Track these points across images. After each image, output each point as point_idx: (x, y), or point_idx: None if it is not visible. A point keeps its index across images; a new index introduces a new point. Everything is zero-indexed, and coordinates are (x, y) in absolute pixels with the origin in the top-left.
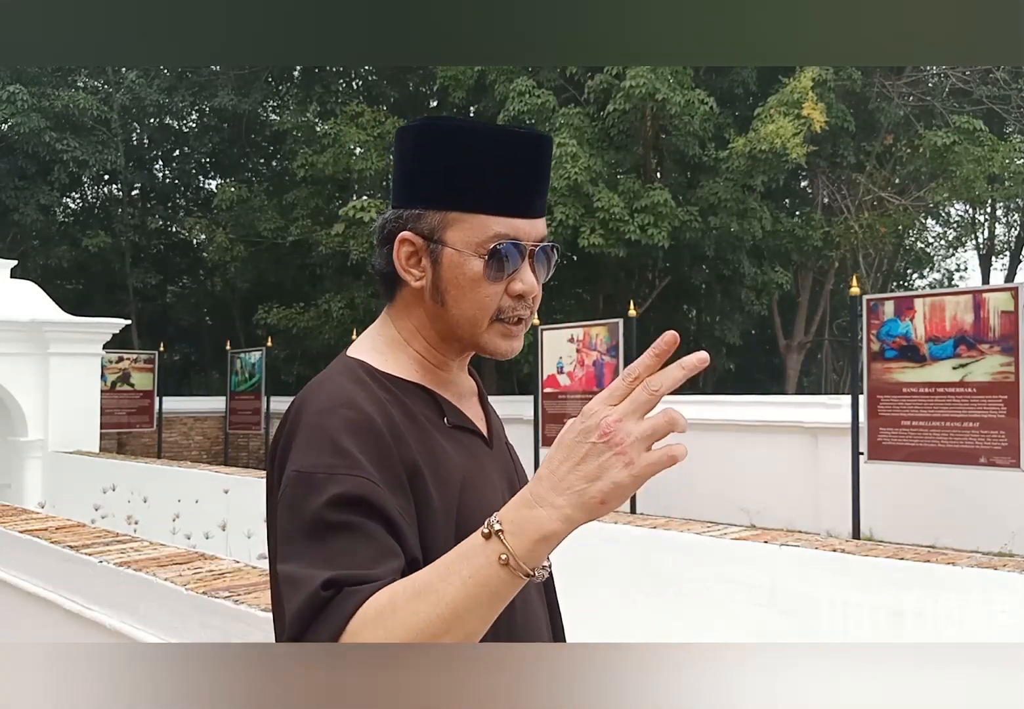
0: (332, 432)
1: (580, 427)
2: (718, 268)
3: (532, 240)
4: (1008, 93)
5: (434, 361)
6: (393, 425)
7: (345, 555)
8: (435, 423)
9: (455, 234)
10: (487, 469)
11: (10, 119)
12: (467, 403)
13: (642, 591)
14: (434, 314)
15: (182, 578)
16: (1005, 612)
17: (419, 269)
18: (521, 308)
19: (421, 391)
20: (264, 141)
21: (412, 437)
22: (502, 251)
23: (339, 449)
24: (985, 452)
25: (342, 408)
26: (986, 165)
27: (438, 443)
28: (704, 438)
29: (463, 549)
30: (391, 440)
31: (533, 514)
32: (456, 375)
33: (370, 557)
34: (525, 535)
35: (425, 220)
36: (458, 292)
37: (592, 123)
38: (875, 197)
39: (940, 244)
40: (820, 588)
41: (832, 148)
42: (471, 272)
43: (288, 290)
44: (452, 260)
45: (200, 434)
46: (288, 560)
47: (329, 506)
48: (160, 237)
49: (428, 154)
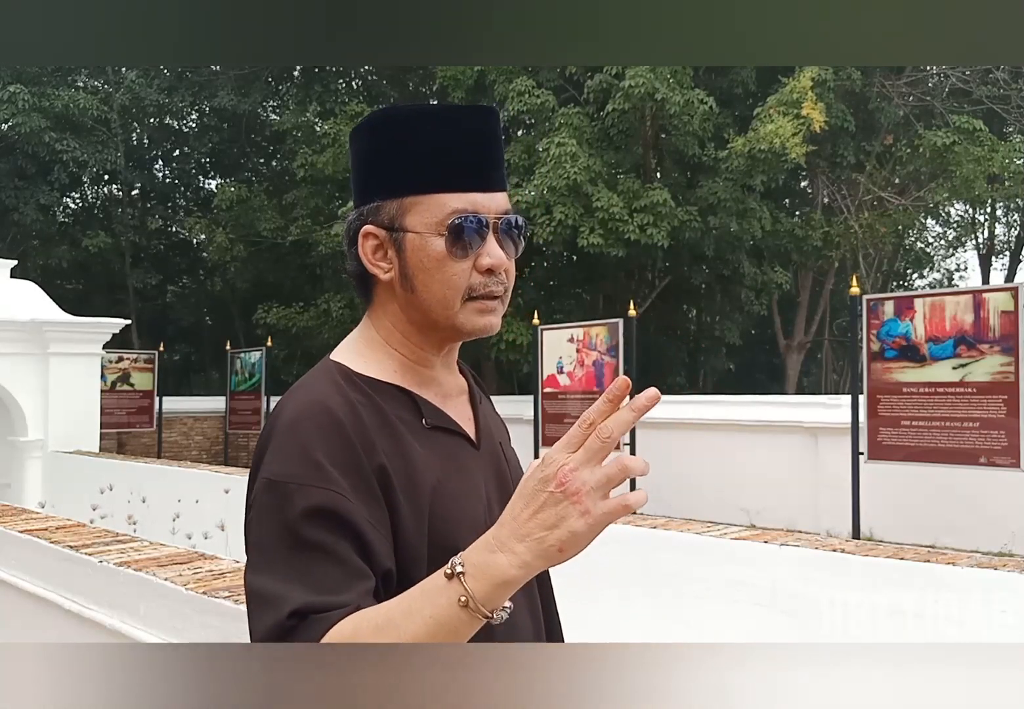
0: (303, 440)
1: (539, 475)
2: (718, 268)
3: (494, 213)
4: (1008, 93)
5: (414, 358)
6: (363, 430)
7: (313, 576)
8: (412, 425)
9: (414, 218)
10: (470, 470)
11: (11, 119)
12: (453, 403)
13: (642, 591)
14: (407, 303)
15: (182, 578)
16: (1005, 612)
17: (386, 261)
18: (493, 284)
19: (398, 392)
20: (264, 141)
21: (384, 441)
22: (460, 224)
23: (309, 458)
24: (985, 452)
25: (313, 414)
26: (986, 165)
27: (412, 446)
28: (704, 438)
29: (427, 586)
30: (360, 447)
31: (494, 559)
32: (440, 373)
33: (338, 580)
34: (485, 579)
35: (384, 211)
36: (426, 275)
37: (591, 123)
38: (875, 197)
39: (940, 244)
40: (820, 588)
41: (832, 148)
42: (434, 252)
43: (288, 290)
44: (414, 244)
45: (200, 434)
46: (258, 572)
47: (300, 521)
48: (160, 237)
49: (376, 146)
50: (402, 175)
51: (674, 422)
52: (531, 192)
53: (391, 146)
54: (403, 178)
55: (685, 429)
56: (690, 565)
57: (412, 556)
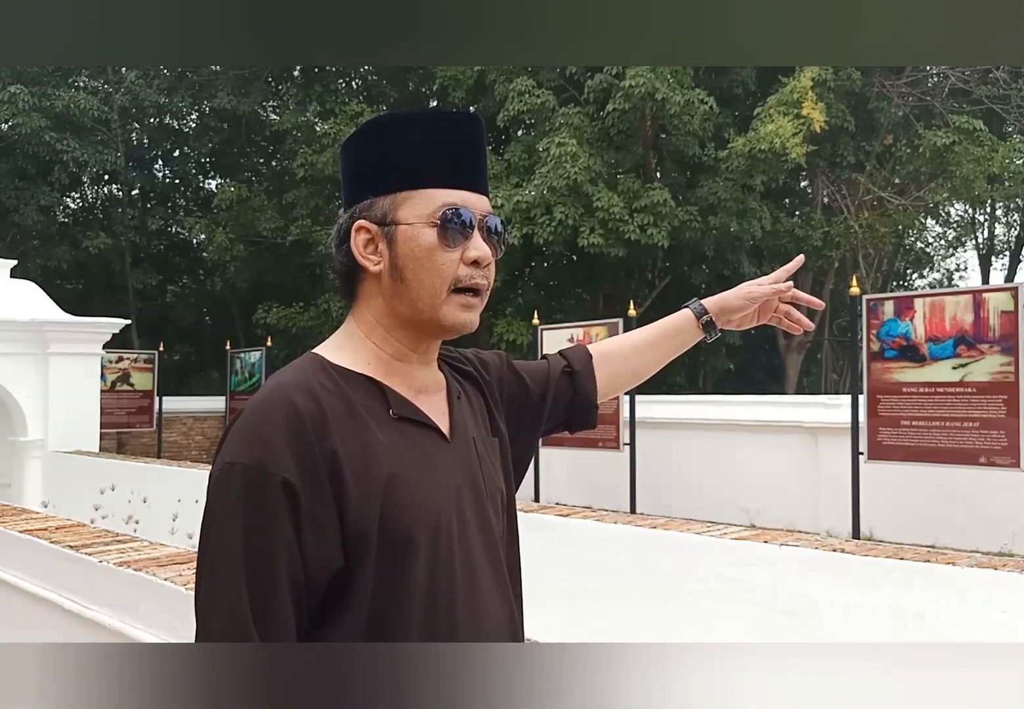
0: (261, 425)
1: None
2: (718, 268)
3: (479, 211)
4: (1008, 93)
5: (391, 351)
6: (321, 416)
7: (251, 590)
8: (378, 414)
9: (406, 211)
10: (436, 461)
11: (11, 120)
12: (427, 397)
13: (642, 591)
14: (394, 295)
15: (182, 578)
16: (1005, 612)
17: (376, 254)
18: (479, 276)
19: (368, 382)
20: (264, 141)
21: (344, 428)
22: (451, 216)
23: (264, 443)
24: (985, 452)
25: (274, 401)
26: (986, 165)
27: (372, 434)
28: (704, 438)
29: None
30: (312, 431)
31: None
32: (416, 367)
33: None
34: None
35: (377, 206)
36: (416, 265)
37: (592, 123)
38: (875, 197)
39: (940, 244)
40: (820, 588)
41: (832, 148)
42: (426, 242)
43: (288, 290)
44: (406, 235)
45: (200, 434)
46: (204, 563)
47: (248, 515)
48: (160, 237)
49: (370, 150)
50: (395, 172)
51: (674, 422)
52: (531, 192)
53: (384, 147)
54: (396, 175)
55: (685, 429)
56: (690, 565)
57: (357, 539)
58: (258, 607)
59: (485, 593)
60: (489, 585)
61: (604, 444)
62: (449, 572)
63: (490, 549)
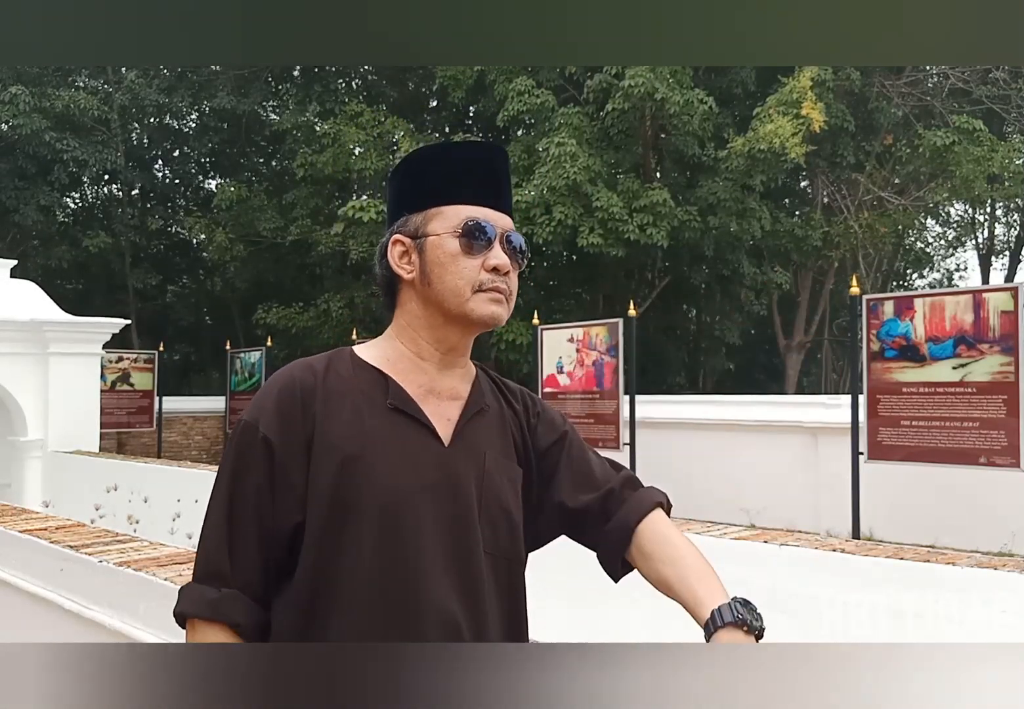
0: (265, 391)
1: None
2: (717, 268)
3: (500, 227)
4: (1008, 93)
5: (415, 349)
6: (313, 390)
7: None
8: (375, 402)
9: (435, 224)
10: (416, 457)
11: (12, 120)
12: (435, 400)
13: (642, 591)
14: (425, 298)
15: (182, 578)
16: (1005, 612)
17: (410, 264)
18: (499, 281)
19: (378, 374)
20: (264, 141)
21: (333, 404)
22: (473, 226)
23: (261, 405)
24: (985, 452)
25: (283, 373)
26: (986, 165)
27: (361, 417)
28: (704, 438)
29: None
30: (301, 402)
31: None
32: (437, 373)
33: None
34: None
35: (411, 222)
36: (441, 269)
37: (591, 123)
38: (875, 197)
39: (940, 244)
40: (820, 588)
41: (831, 148)
42: (450, 249)
43: (288, 290)
44: (434, 243)
45: (200, 434)
46: (211, 494)
47: (235, 461)
48: (160, 237)
49: (408, 175)
50: (427, 191)
51: (674, 422)
52: (531, 192)
53: (419, 171)
54: (428, 194)
55: (685, 429)
56: None
57: (314, 500)
58: (234, 531)
59: (433, 584)
60: (441, 578)
61: (604, 444)
62: (392, 553)
63: (460, 549)
